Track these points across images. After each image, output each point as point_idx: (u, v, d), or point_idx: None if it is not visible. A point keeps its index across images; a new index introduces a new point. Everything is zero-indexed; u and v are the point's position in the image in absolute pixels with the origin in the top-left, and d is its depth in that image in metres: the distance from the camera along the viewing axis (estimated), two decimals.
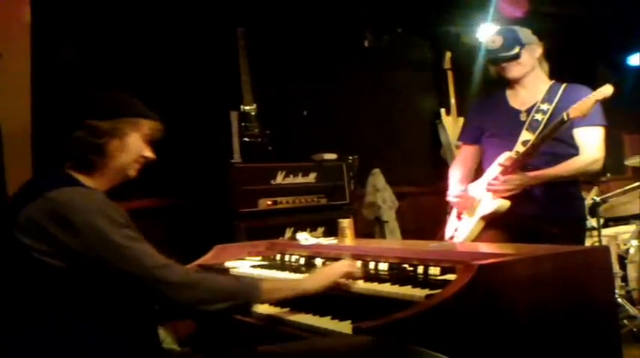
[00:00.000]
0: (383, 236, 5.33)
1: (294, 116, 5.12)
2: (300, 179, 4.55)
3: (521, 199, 3.03)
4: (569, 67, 6.51)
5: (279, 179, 4.46)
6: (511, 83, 3.27)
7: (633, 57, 6.99)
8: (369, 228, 5.37)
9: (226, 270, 2.80)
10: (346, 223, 2.96)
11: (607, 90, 2.87)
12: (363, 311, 1.93)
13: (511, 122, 3.19)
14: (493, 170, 3.15)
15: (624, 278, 4.59)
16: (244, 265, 2.86)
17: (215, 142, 4.54)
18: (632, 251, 4.57)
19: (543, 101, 3.15)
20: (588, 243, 4.64)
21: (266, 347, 1.91)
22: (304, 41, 5.24)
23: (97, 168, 1.97)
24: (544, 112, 3.11)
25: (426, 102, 6.31)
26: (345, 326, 1.93)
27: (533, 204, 3.05)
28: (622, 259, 4.68)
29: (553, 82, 3.25)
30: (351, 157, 4.88)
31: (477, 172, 3.43)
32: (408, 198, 5.68)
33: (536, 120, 3.11)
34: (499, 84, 3.33)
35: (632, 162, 5.07)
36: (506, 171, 3.04)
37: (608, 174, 6.98)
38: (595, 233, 4.59)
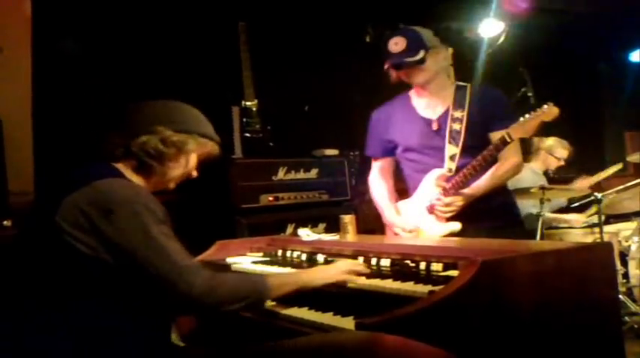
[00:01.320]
0: (384, 232, 5.31)
1: (296, 112, 5.12)
2: (301, 175, 4.55)
3: (461, 218, 2.95)
4: (570, 63, 6.53)
5: (281, 175, 4.45)
6: (416, 89, 3.11)
7: (634, 53, 6.98)
8: (371, 224, 5.36)
9: (228, 266, 2.80)
10: (348, 219, 2.95)
11: (552, 111, 2.77)
12: (366, 307, 1.92)
13: (424, 133, 3.05)
14: (427, 190, 3.03)
15: (625, 275, 4.59)
16: (246, 261, 2.85)
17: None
18: (633, 248, 4.56)
19: (455, 108, 3.00)
20: (590, 239, 4.64)
21: (271, 343, 1.91)
22: (305, 36, 5.23)
23: (151, 174, 2.02)
24: (460, 121, 2.96)
25: None
26: (347, 322, 1.92)
27: (473, 221, 2.94)
28: (623, 256, 4.67)
29: (455, 83, 3.10)
30: (352, 153, 4.88)
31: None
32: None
33: (455, 130, 2.96)
34: (401, 89, 3.18)
35: (633, 158, 5.07)
36: (447, 193, 2.94)
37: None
38: (597, 229, 4.58)
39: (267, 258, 2.88)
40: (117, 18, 4.36)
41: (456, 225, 2.96)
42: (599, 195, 4.55)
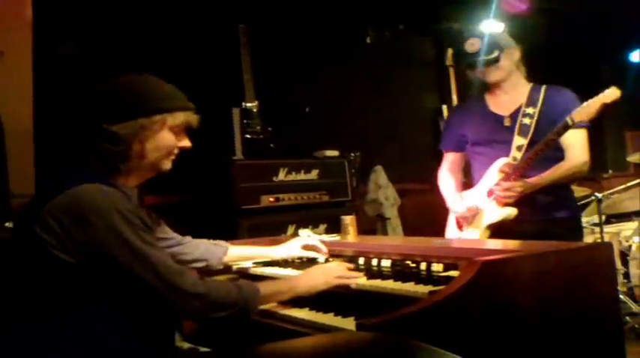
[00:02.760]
0: (385, 233, 5.34)
1: (296, 113, 5.12)
2: (302, 176, 4.55)
3: (521, 205, 3.01)
4: (571, 63, 6.53)
5: (282, 176, 4.46)
6: (491, 88, 3.23)
7: (635, 53, 6.99)
8: (372, 225, 5.37)
9: (229, 267, 2.80)
10: (349, 220, 2.95)
11: (614, 93, 2.85)
12: (366, 307, 1.93)
13: (495, 128, 3.16)
14: (490, 177, 3.12)
15: (626, 275, 4.59)
16: (246, 262, 2.86)
17: (217, 139, 4.54)
18: (634, 247, 4.57)
19: (527, 104, 3.11)
20: (590, 239, 4.65)
21: (272, 343, 1.91)
22: (306, 38, 5.24)
23: (123, 171, 1.89)
24: (531, 116, 3.08)
25: (428, 99, 6.31)
26: (348, 323, 1.92)
27: (532, 210, 3.02)
28: (624, 256, 4.68)
29: (532, 84, 3.21)
30: (353, 154, 4.89)
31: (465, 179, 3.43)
32: (410, 195, 5.68)
33: (525, 124, 3.07)
34: (481, 88, 3.28)
35: (634, 158, 5.07)
36: (507, 178, 3.02)
37: (610, 171, 6.98)
38: (597, 229, 4.59)
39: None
40: (117, 21, 4.36)
41: (512, 211, 3.00)
42: (599, 195, 4.56)
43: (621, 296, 4.30)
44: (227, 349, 2.00)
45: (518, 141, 3.08)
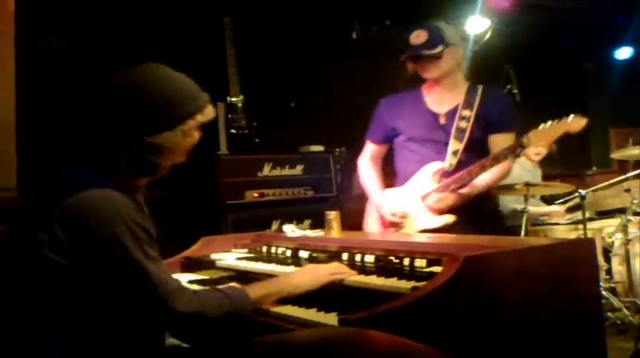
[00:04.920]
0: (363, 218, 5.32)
1: (281, 108, 5.11)
2: (286, 171, 4.55)
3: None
4: (555, 60, 6.56)
5: (266, 171, 4.45)
6: (429, 82, 3.17)
7: (620, 50, 7.02)
8: (357, 220, 5.37)
9: (212, 262, 2.79)
10: (333, 215, 2.95)
11: (580, 123, 2.78)
12: (350, 303, 1.93)
13: (430, 126, 3.13)
14: (422, 181, 3.09)
15: (609, 271, 4.62)
16: (230, 257, 2.85)
17: (202, 134, 4.52)
18: (616, 244, 4.59)
19: (464, 106, 3.07)
20: (574, 235, 4.67)
21: (254, 339, 1.90)
22: (292, 32, 5.22)
23: (155, 176, 1.92)
24: (467, 119, 3.04)
25: None
26: (331, 318, 1.92)
27: (460, 212, 3.02)
28: (607, 252, 4.70)
29: (469, 84, 3.17)
30: (338, 149, 4.88)
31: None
32: None
33: (461, 127, 3.04)
34: (415, 81, 3.25)
35: (617, 155, 5.10)
36: (444, 188, 3.00)
37: (594, 168, 7.03)
38: (581, 226, 4.61)
39: (252, 255, 2.88)
40: (101, 13, 4.33)
41: (450, 218, 2.99)
42: (582, 192, 4.58)
43: (604, 292, 4.33)
44: (209, 345, 1.99)
45: (455, 145, 3.04)
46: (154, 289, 1.75)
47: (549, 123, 2.79)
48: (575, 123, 2.77)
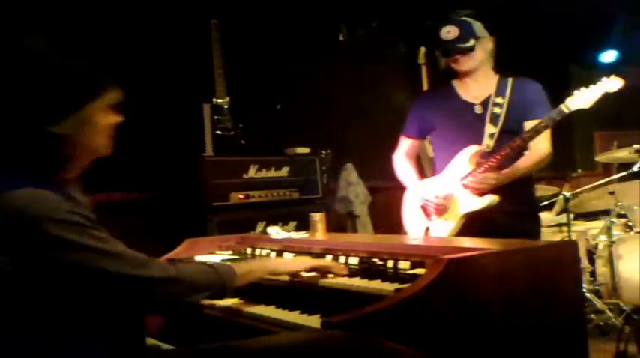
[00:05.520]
0: (355, 230, 5.34)
1: (267, 109, 5.10)
2: (272, 173, 4.54)
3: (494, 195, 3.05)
4: (541, 63, 6.58)
5: (252, 173, 4.44)
6: (460, 76, 3.25)
7: (605, 54, 7.06)
8: (341, 222, 5.38)
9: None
10: (318, 217, 2.95)
11: (618, 82, 2.97)
12: (333, 305, 1.92)
13: (466, 115, 3.19)
14: (460, 165, 3.12)
15: (592, 273, 4.64)
16: (215, 259, 2.84)
17: (187, 135, 4.51)
18: (600, 246, 4.62)
19: (497, 94, 3.16)
20: (558, 238, 4.69)
21: (237, 341, 1.89)
22: (278, 34, 5.21)
23: (67, 167, 1.76)
24: (500, 106, 3.13)
25: (400, 97, 6.32)
26: (314, 321, 1.92)
27: (504, 201, 3.03)
28: (591, 254, 4.73)
29: (499, 75, 3.26)
30: (323, 151, 4.88)
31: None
32: (381, 193, 5.68)
33: (496, 113, 3.12)
34: (446, 77, 3.33)
35: (602, 158, 5.13)
36: (481, 167, 3.04)
37: (579, 170, 7.06)
38: (565, 228, 4.63)
39: (237, 256, 2.87)
40: (86, 14, 4.30)
41: (494, 198, 3.01)
42: (567, 194, 4.60)
43: (587, 295, 4.36)
44: (190, 346, 1.98)
45: (490, 129, 3.11)
46: (120, 265, 1.67)
47: (582, 89, 2.95)
48: (613, 83, 2.96)
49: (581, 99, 2.94)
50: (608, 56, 7.09)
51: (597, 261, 4.61)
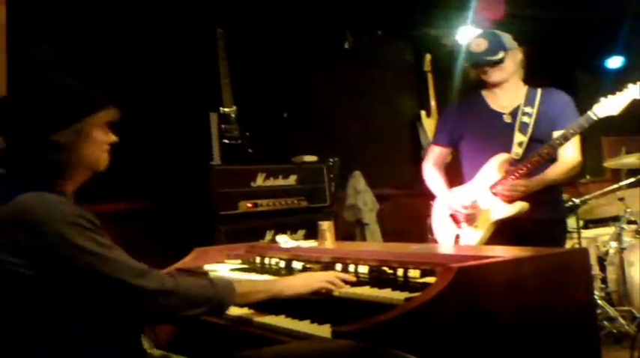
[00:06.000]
0: (364, 238, 5.33)
1: (274, 118, 5.10)
2: (280, 181, 4.54)
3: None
4: (547, 69, 6.57)
5: (260, 181, 4.44)
6: (490, 86, 3.28)
7: (611, 59, 7.04)
8: (350, 230, 5.36)
9: (205, 274, 2.77)
10: (326, 226, 2.94)
11: None
12: (343, 314, 1.91)
13: (495, 125, 3.22)
14: (490, 173, 3.14)
15: (604, 280, 4.62)
16: (223, 268, 2.83)
17: (194, 144, 4.52)
18: (611, 252, 4.59)
19: (526, 104, 3.19)
20: (568, 244, 4.67)
21: (248, 351, 1.89)
22: (284, 43, 5.22)
23: (66, 178, 1.85)
24: (529, 115, 3.16)
25: (406, 104, 6.32)
26: (324, 330, 1.91)
27: (534, 208, 3.04)
28: (601, 261, 4.70)
29: (528, 86, 3.28)
30: (331, 159, 4.88)
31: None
32: (389, 201, 5.68)
33: (524, 122, 3.14)
34: (475, 87, 3.36)
35: (610, 164, 5.11)
36: (511, 175, 3.06)
37: (588, 176, 7.03)
38: (575, 235, 4.61)
39: (246, 265, 2.87)
40: (94, 24, 4.32)
41: (524, 205, 3.02)
42: (576, 201, 4.58)
43: (599, 301, 4.32)
44: (201, 356, 1.97)
45: (519, 138, 3.14)
46: (119, 273, 1.72)
47: (609, 96, 2.95)
48: (638, 89, 2.94)
49: (609, 106, 2.95)
50: (615, 62, 7.06)
51: (608, 268, 4.59)
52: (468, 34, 5.52)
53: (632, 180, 4.60)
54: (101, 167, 1.94)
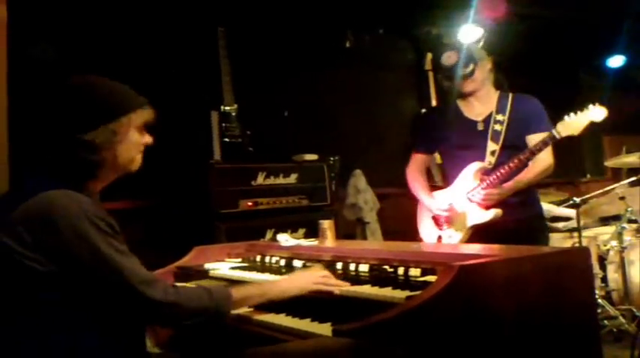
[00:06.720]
0: (364, 237, 5.32)
1: (275, 116, 5.10)
2: (280, 180, 4.53)
3: (499, 205, 3.20)
4: (549, 68, 6.57)
5: (260, 180, 4.43)
6: (464, 95, 3.42)
7: (613, 59, 7.04)
8: (351, 229, 5.36)
9: (206, 272, 2.77)
10: (327, 224, 2.95)
11: (602, 113, 3.07)
12: (344, 313, 1.92)
13: (469, 133, 3.36)
14: (466, 180, 3.29)
15: (604, 279, 4.62)
16: (224, 267, 2.83)
17: (195, 142, 4.51)
18: (611, 252, 4.59)
19: (497, 111, 3.34)
20: (569, 243, 4.67)
21: (249, 349, 1.89)
22: (285, 41, 5.22)
23: (98, 177, 1.90)
24: (501, 123, 3.31)
25: (407, 103, 6.32)
26: (325, 329, 1.91)
27: (509, 209, 3.20)
28: (602, 260, 4.70)
29: (499, 92, 3.43)
30: (332, 158, 4.87)
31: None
32: (390, 199, 5.67)
33: (496, 130, 3.30)
34: (455, 95, 3.49)
35: (611, 163, 5.10)
36: (488, 185, 3.19)
37: (588, 175, 7.03)
38: (576, 234, 4.61)
39: (246, 264, 2.87)
40: (95, 22, 4.32)
41: (498, 212, 3.17)
42: (577, 200, 4.58)
43: (599, 300, 4.32)
44: (202, 354, 1.97)
45: (492, 146, 3.29)
46: (128, 280, 1.75)
47: (572, 114, 3.08)
48: (596, 112, 3.08)
49: (570, 126, 3.07)
50: (616, 61, 7.06)
51: (609, 267, 4.59)
52: (469, 33, 5.52)
53: (632, 179, 4.60)
54: (134, 168, 1.98)
